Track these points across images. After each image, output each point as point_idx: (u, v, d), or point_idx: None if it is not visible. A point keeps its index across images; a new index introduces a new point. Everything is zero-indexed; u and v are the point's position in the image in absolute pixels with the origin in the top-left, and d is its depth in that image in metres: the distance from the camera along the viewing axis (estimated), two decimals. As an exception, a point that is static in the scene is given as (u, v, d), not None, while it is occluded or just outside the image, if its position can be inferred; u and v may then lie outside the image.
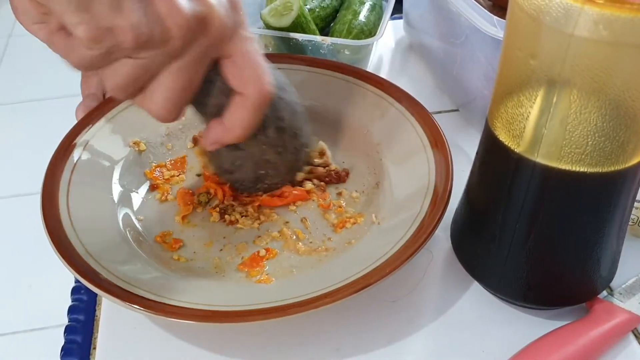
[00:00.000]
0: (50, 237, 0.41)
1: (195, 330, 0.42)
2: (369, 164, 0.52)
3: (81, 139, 0.49)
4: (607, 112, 0.32)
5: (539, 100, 0.33)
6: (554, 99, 0.33)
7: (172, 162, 0.52)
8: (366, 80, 0.54)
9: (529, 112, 0.34)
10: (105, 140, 0.50)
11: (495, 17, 0.48)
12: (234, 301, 0.39)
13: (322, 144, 0.52)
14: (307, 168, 0.50)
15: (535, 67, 0.33)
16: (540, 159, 0.35)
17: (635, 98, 0.32)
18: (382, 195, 0.49)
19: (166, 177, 0.51)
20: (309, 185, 0.49)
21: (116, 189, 0.48)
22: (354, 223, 0.47)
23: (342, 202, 0.49)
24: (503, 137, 0.37)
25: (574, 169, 0.34)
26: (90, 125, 0.50)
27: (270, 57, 0.57)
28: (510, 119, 0.36)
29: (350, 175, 0.52)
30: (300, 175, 0.49)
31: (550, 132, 0.34)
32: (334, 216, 0.48)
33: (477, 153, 0.41)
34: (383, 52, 0.70)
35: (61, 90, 1.89)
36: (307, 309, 0.37)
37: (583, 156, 0.34)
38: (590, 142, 0.33)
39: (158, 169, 0.51)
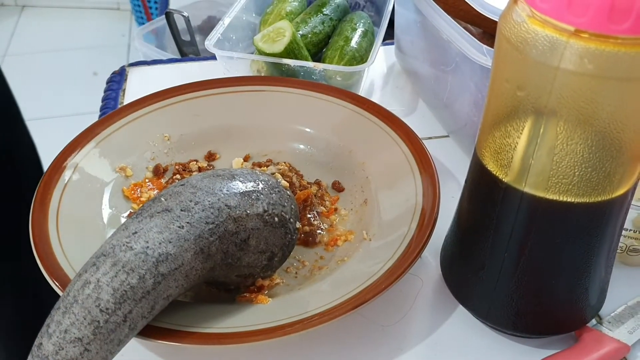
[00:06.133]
0: (40, 258, 0.41)
1: (186, 355, 0.42)
2: (355, 182, 0.52)
3: (71, 161, 0.49)
4: (594, 144, 0.33)
5: (526, 130, 0.34)
6: (541, 130, 0.33)
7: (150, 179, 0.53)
8: (349, 100, 0.55)
9: (517, 143, 0.34)
10: (93, 165, 0.50)
11: (484, 46, 0.48)
12: (230, 323, 0.39)
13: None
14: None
15: (522, 98, 0.33)
16: (527, 189, 0.35)
17: (620, 130, 0.32)
18: (371, 212, 0.49)
19: (144, 198, 0.51)
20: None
21: (106, 212, 0.48)
22: (345, 240, 0.48)
23: (333, 220, 0.50)
24: (491, 166, 0.37)
25: (561, 199, 0.35)
26: (80, 149, 0.50)
27: (259, 80, 0.58)
28: (498, 149, 0.36)
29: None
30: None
31: (537, 162, 0.34)
32: (325, 234, 0.48)
33: (465, 181, 0.41)
34: (375, 78, 0.71)
35: (55, 110, 1.89)
36: (303, 328, 0.38)
37: (570, 186, 0.34)
38: (577, 173, 0.34)
39: (137, 188, 0.51)
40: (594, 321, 0.43)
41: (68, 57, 2.19)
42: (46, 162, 0.49)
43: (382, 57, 0.74)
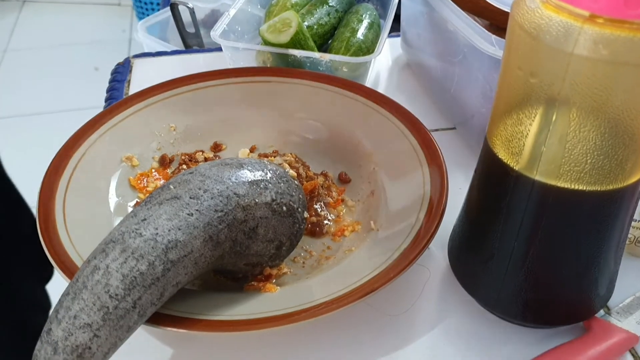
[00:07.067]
0: (47, 246, 0.41)
1: (194, 343, 0.42)
2: (362, 173, 0.52)
3: (77, 151, 0.49)
4: (606, 131, 0.33)
5: (538, 118, 0.34)
6: (553, 117, 0.33)
7: (156, 169, 0.52)
8: (356, 91, 0.55)
9: (528, 130, 0.34)
10: (98, 156, 0.50)
11: (493, 36, 0.48)
12: (239, 311, 0.39)
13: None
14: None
15: (535, 85, 0.33)
16: (539, 177, 0.35)
17: (634, 117, 0.32)
18: (378, 203, 0.49)
19: (150, 188, 0.50)
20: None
21: (112, 201, 0.47)
22: (352, 231, 0.48)
23: (340, 211, 0.50)
24: (502, 154, 0.37)
25: (572, 187, 0.34)
26: (86, 138, 0.50)
27: (265, 71, 0.58)
28: (509, 137, 0.36)
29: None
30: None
31: (549, 150, 0.34)
32: (331, 225, 0.48)
33: (475, 171, 0.41)
34: (380, 70, 0.71)
35: (56, 105, 1.89)
36: (311, 316, 0.37)
37: (582, 174, 0.34)
38: (589, 161, 0.33)
39: (143, 177, 0.51)
40: (602, 312, 0.43)
41: (69, 52, 2.18)
42: (49, 157, 0.48)
43: (387, 50, 0.74)
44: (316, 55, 0.59)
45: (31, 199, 0.45)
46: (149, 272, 0.35)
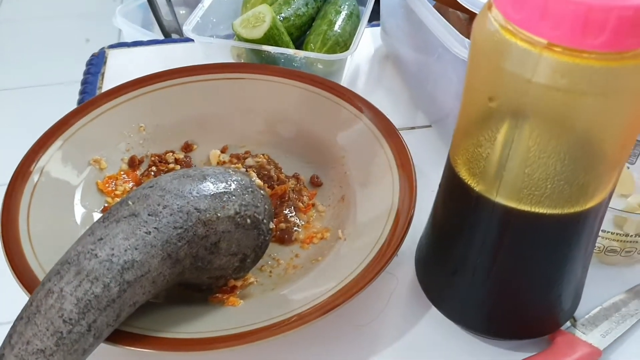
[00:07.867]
0: (10, 262, 0.40)
1: (157, 357, 0.42)
2: (334, 176, 0.51)
3: (39, 162, 0.47)
4: (567, 156, 0.32)
5: (498, 142, 0.33)
6: (513, 142, 0.32)
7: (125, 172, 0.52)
8: (331, 90, 0.54)
9: (488, 153, 0.34)
10: (64, 160, 0.49)
11: (466, 40, 0.47)
12: (200, 327, 0.39)
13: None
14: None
15: (494, 109, 0.32)
16: (499, 199, 0.34)
17: (594, 144, 0.31)
18: (347, 209, 0.48)
19: (119, 192, 0.50)
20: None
21: (78, 211, 0.47)
22: (321, 238, 0.47)
23: (310, 216, 0.49)
24: (463, 174, 0.36)
25: (533, 210, 0.34)
26: (47, 147, 0.49)
27: (238, 67, 0.57)
28: (470, 157, 0.35)
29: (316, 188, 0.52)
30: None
31: (509, 173, 0.33)
32: (301, 232, 0.48)
33: (440, 185, 0.41)
34: (361, 61, 0.69)
35: (47, 77, 1.87)
36: (272, 334, 0.37)
37: (542, 198, 0.33)
38: (549, 185, 0.33)
39: (112, 180, 0.50)
40: (568, 323, 0.43)
41: (59, 23, 2.14)
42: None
43: (369, 39, 0.72)
44: (290, 52, 0.57)
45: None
46: (104, 295, 0.34)
